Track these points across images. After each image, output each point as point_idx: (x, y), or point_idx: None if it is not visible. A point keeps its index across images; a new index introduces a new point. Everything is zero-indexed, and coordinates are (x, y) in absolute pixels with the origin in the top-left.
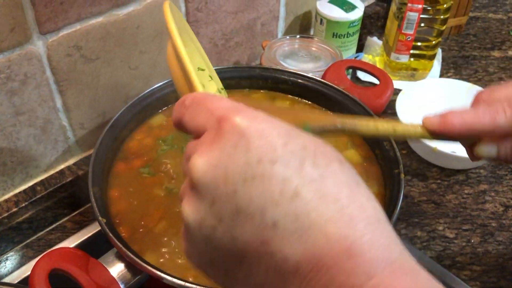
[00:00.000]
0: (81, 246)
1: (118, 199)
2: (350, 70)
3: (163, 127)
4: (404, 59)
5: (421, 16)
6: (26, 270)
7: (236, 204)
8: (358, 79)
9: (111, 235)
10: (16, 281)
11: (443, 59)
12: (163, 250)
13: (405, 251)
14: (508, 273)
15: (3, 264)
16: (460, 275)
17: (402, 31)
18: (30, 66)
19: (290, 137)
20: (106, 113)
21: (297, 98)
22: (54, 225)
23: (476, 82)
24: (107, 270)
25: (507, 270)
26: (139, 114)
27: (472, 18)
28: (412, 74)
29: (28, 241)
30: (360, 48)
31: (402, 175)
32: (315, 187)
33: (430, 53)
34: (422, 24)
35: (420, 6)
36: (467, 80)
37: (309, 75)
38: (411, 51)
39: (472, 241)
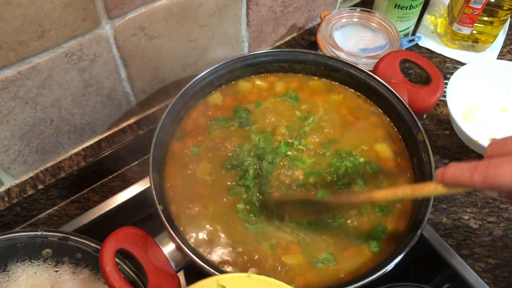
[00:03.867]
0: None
1: (172, 176)
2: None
3: (218, 107)
4: (466, 31)
5: None
6: (91, 215)
7: None
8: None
9: (167, 224)
10: (81, 224)
11: (510, 27)
12: (202, 235)
13: None
14: None
15: (70, 206)
16: (475, 266)
17: (469, 5)
18: (98, 47)
19: None
20: (165, 79)
21: (350, 90)
22: (115, 174)
23: None
24: (161, 250)
25: None
26: (197, 93)
27: None
28: (473, 45)
29: (93, 186)
30: (425, 4)
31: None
32: None
33: (496, 27)
34: (493, 0)
35: None
36: None
37: (362, 64)
38: (475, 24)
39: (494, 234)
